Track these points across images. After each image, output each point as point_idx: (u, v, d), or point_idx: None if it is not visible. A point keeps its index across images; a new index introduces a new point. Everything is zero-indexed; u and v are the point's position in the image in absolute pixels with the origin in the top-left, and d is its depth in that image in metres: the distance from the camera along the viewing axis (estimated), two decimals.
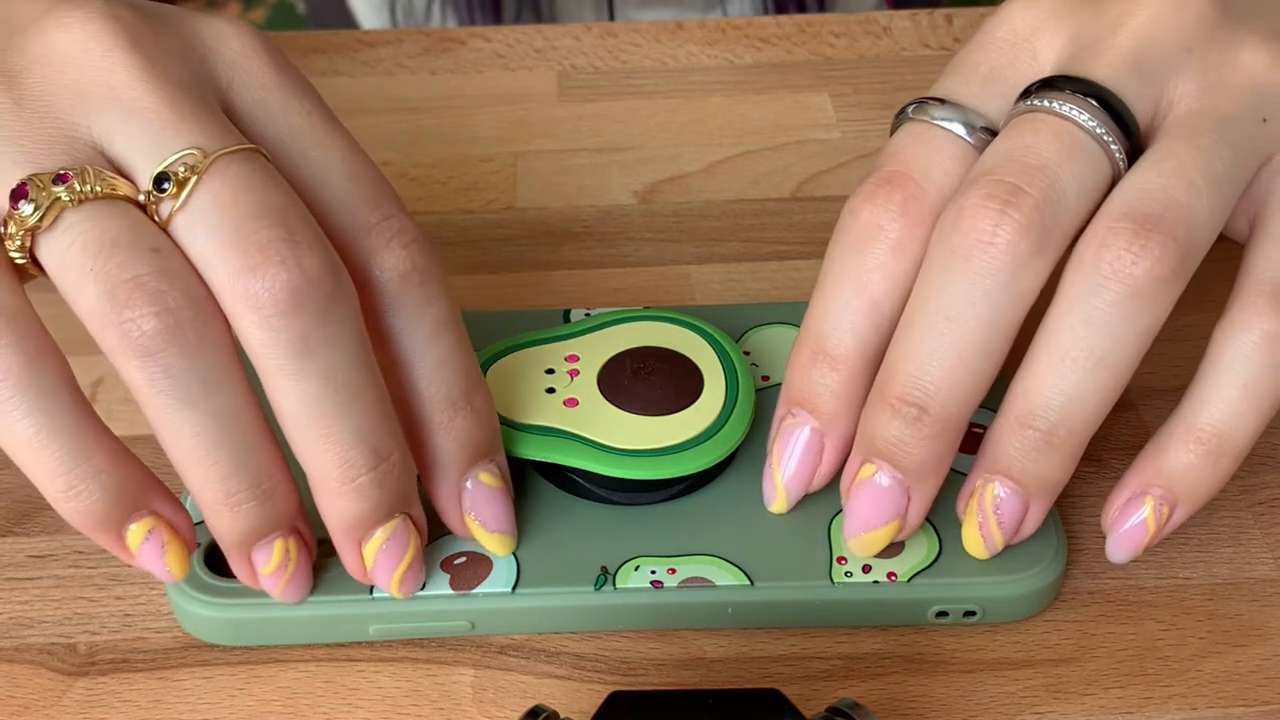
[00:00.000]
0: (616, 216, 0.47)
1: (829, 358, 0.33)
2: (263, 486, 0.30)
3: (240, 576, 0.32)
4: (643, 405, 0.35)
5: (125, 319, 0.28)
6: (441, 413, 0.32)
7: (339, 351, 0.29)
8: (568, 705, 0.32)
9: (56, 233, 0.29)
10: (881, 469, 0.32)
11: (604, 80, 0.53)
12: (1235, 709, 0.32)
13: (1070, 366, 0.30)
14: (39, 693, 0.33)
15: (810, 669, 0.33)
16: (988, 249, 0.30)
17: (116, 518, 0.30)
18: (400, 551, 0.32)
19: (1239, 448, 0.31)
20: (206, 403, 0.29)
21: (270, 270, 0.28)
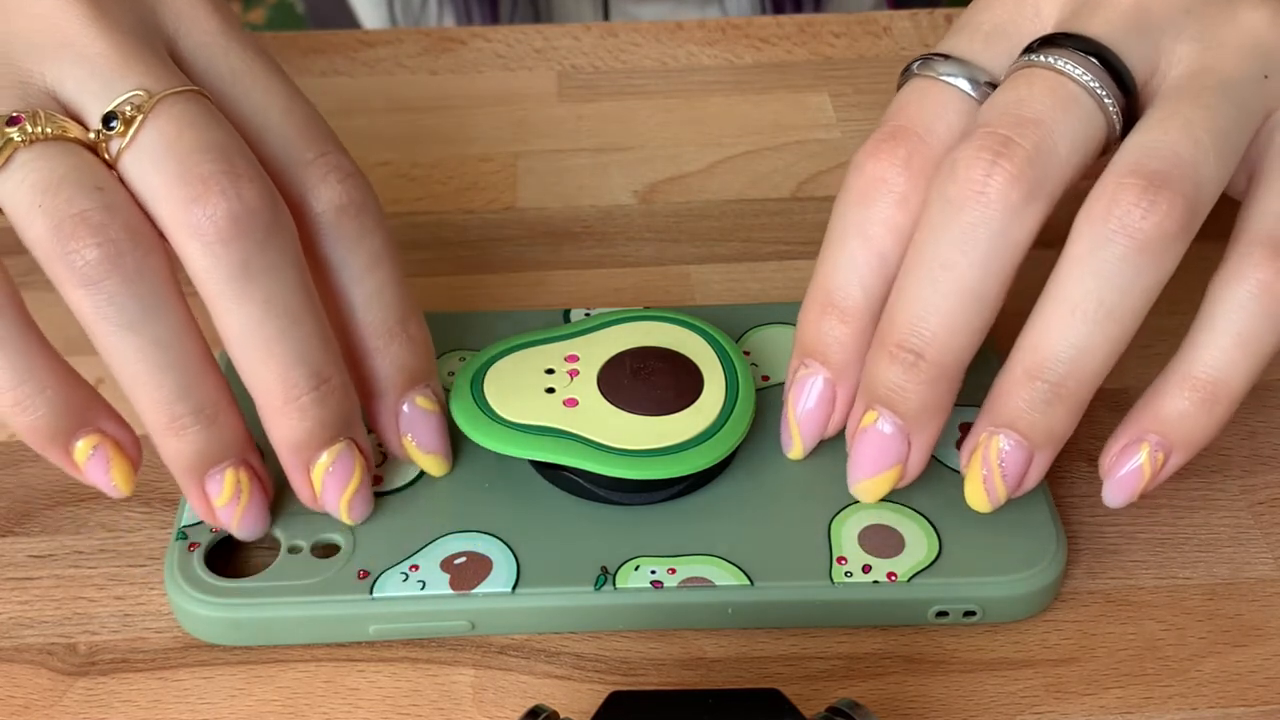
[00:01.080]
0: (616, 216, 0.47)
1: (838, 310, 0.34)
2: (206, 412, 0.32)
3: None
4: (643, 405, 0.35)
5: (70, 250, 0.30)
6: (378, 339, 0.34)
7: (278, 278, 0.31)
8: (568, 705, 0.32)
9: (9, 171, 0.31)
10: (883, 415, 0.33)
11: (604, 80, 0.53)
12: (1235, 709, 0.32)
13: (1080, 319, 0.31)
14: (39, 693, 0.33)
15: (810, 669, 0.33)
16: (980, 198, 0.31)
17: (63, 432, 0.32)
18: (346, 475, 0.34)
19: (1234, 395, 0.32)
20: (149, 329, 0.31)
21: (212, 200, 0.30)
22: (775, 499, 0.35)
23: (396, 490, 0.36)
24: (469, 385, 0.36)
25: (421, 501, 0.35)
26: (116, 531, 0.36)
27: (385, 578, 0.33)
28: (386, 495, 0.35)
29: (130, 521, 0.37)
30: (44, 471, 0.38)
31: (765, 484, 0.36)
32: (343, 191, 0.33)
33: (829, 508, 0.35)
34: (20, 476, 0.38)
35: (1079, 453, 0.38)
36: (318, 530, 0.35)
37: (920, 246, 0.32)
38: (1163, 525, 0.36)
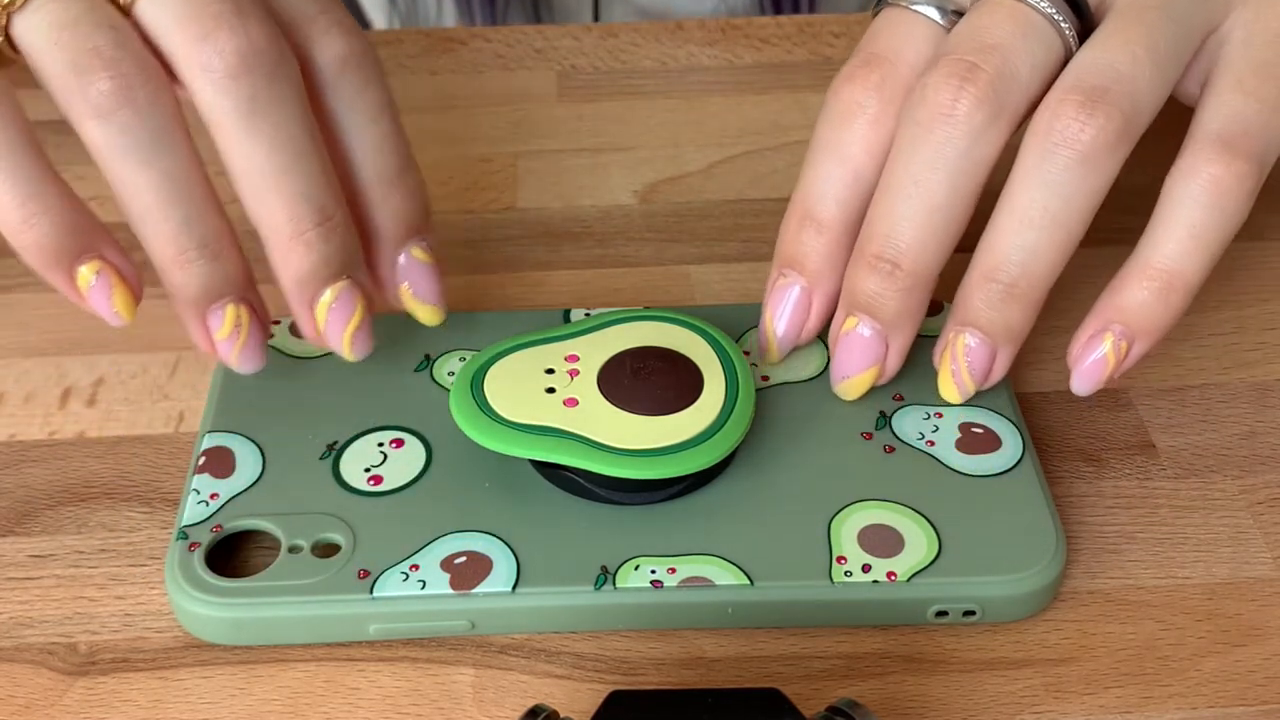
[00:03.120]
0: (616, 216, 0.47)
1: (815, 222, 0.37)
2: (210, 246, 0.34)
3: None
4: (643, 405, 0.35)
5: (85, 82, 0.32)
6: (377, 189, 0.36)
7: (285, 114, 0.33)
8: (568, 705, 0.33)
9: (28, 11, 0.33)
10: (862, 320, 0.36)
11: (604, 80, 0.53)
12: (1235, 709, 0.32)
13: (1028, 225, 0.34)
14: (39, 693, 0.33)
15: (810, 669, 0.33)
16: (948, 120, 0.34)
17: (68, 252, 0.34)
18: (348, 311, 0.35)
19: (1189, 284, 0.34)
20: (158, 161, 0.33)
21: (221, 36, 0.32)
22: (775, 499, 0.35)
23: (396, 490, 0.36)
24: (469, 385, 0.36)
25: (421, 501, 0.35)
26: (117, 531, 0.36)
27: (385, 577, 0.33)
28: (386, 495, 0.35)
29: (131, 521, 0.37)
30: (45, 471, 0.38)
31: (765, 484, 0.36)
32: (345, 45, 0.35)
33: (829, 508, 0.35)
34: (21, 476, 0.38)
35: (1078, 453, 0.38)
36: (318, 530, 0.35)
37: (894, 166, 0.35)
38: (1162, 525, 0.36)
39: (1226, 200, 0.33)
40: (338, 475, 0.36)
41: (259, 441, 0.37)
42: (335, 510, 0.35)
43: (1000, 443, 0.37)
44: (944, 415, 0.38)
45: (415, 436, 0.37)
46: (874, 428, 0.37)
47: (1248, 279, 0.44)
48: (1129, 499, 0.37)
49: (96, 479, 0.38)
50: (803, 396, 0.38)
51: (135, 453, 0.39)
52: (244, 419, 0.38)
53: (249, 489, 0.36)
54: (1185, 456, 0.38)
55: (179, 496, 0.37)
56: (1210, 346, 0.42)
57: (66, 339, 0.42)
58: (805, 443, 0.37)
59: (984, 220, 0.35)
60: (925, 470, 0.36)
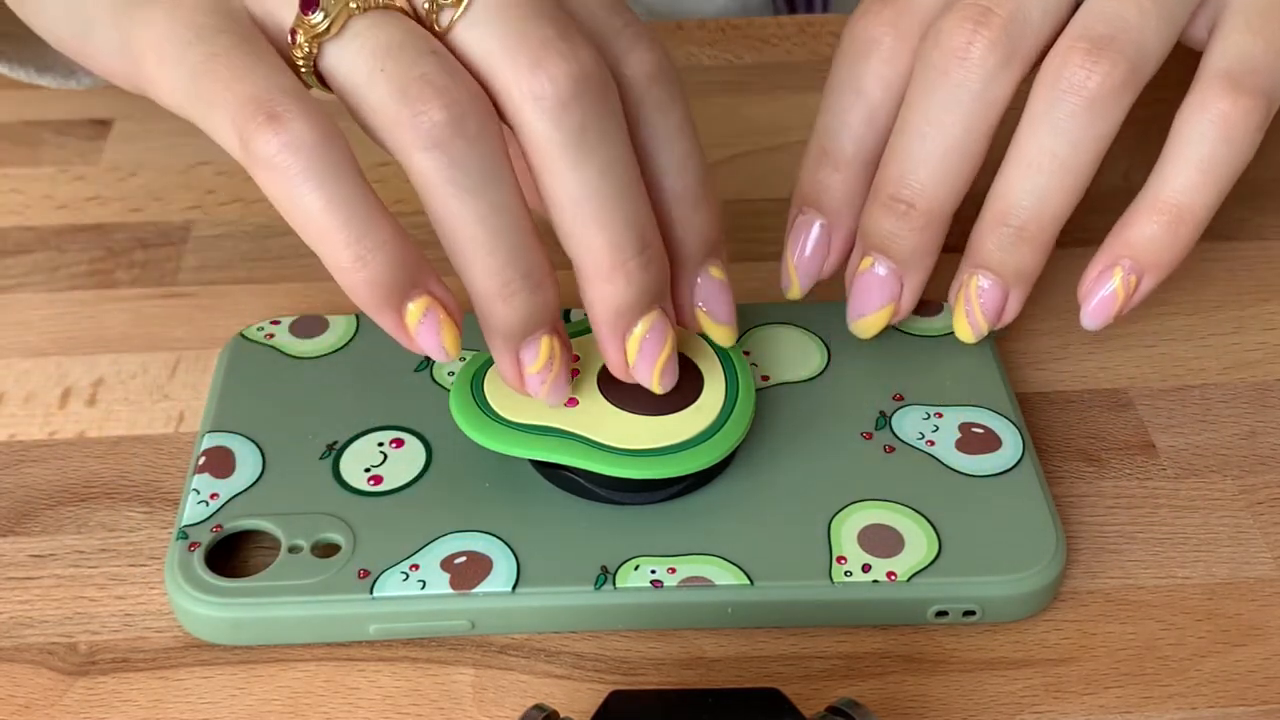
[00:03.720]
0: None
1: (831, 160, 0.38)
2: (534, 277, 0.32)
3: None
4: (643, 405, 0.35)
5: (417, 112, 0.30)
6: (683, 206, 0.35)
7: (613, 142, 0.32)
8: (568, 705, 0.33)
9: (344, 39, 0.31)
10: (878, 260, 0.37)
11: None
12: (1235, 709, 0.32)
13: (1037, 170, 0.35)
14: (39, 692, 0.33)
15: (810, 669, 0.33)
16: (963, 63, 0.35)
17: (399, 290, 0.32)
18: (660, 343, 0.34)
19: (1198, 217, 0.35)
20: (487, 193, 0.31)
21: (553, 63, 0.31)
22: (775, 499, 0.35)
23: (396, 490, 0.36)
24: (469, 385, 0.36)
25: (421, 501, 0.35)
26: (117, 531, 0.36)
27: (385, 577, 0.33)
28: (386, 495, 0.35)
29: (131, 521, 0.37)
30: (44, 471, 0.38)
31: (765, 484, 0.36)
32: (653, 59, 0.34)
33: (829, 508, 0.35)
34: (21, 476, 0.38)
35: (1078, 453, 0.38)
36: (318, 530, 0.35)
37: (909, 107, 0.36)
38: (1162, 525, 0.36)
39: (1235, 134, 0.34)
40: (338, 475, 0.36)
41: (259, 441, 0.37)
42: (335, 510, 0.35)
43: (1000, 443, 0.37)
44: (944, 415, 0.38)
45: (415, 436, 0.37)
46: (874, 428, 0.37)
47: (1248, 279, 0.44)
48: (1129, 499, 0.37)
49: (96, 479, 0.38)
50: (803, 396, 0.38)
51: (135, 453, 0.39)
52: (244, 419, 0.38)
53: (249, 489, 0.36)
54: (1185, 456, 0.38)
55: (179, 496, 0.37)
56: (1210, 346, 0.42)
57: (66, 339, 0.42)
58: (805, 443, 0.37)
59: (995, 170, 0.36)
60: (925, 470, 0.36)
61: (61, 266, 0.45)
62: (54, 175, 0.49)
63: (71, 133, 0.50)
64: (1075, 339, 0.42)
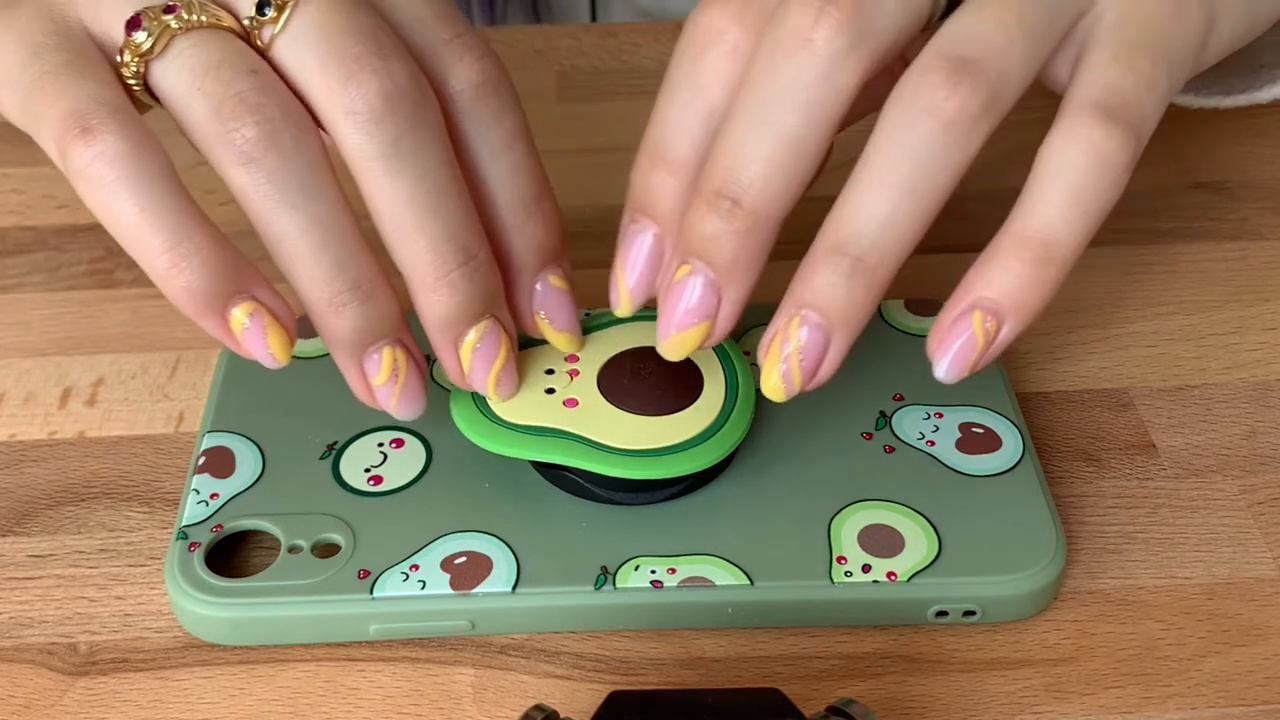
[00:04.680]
0: (616, 216, 0.47)
1: (666, 163, 0.34)
2: (363, 287, 0.33)
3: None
4: (643, 405, 0.35)
5: (230, 129, 0.31)
6: (515, 216, 0.35)
7: (428, 155, 0.32)
8: (568, 705, 0.33)
9: (167, 58, 0.32)
10: (695, 269, 0.33)
11: (604, 80, 0.53)
12: (1235, 709, 0.32)
13: (884, 193, 0.31)
14: (39, 693, 0.33)
15: (810, 669, 0.33)
16: (807, 44, 0.31)
17: (219, 296, 0.32)
18: (493, 351, 0.35)
19: (1067, 255, 0.32)
20: (307, 206, 0.32)
21: (364, 79, 0.32)
22: (775, 499, 0.35)
23: (396, 490, 0.36)
24: None
25: (421, 501, 0.35)
26: (117, 531, 0.36)
27: (385, 577, 0.33)
28: (386, 495, 0.35)
29: (131, 521, 0.37)
30: (44, 471, 0.38)
31: (765, 484, 0.36)
32: (480, 70, 0.34)
33: (829, 508, 0.35)
34: (21, 476, 0.38)
35: (1078, 453, 0.38)
36: (318, 530, 0.35)
37: (745, 92, 0.32)
38: (1162, 525, 0.36)
39: (1107, 165, 0.31)
40: (338, 475, 0.36)
41: (259, 441, 0.37)
42: (335, 510, 0.35)
43: (1000, 443, 0.37)
44: (944, 415, 0.38)
45: (415, 437, 0.37)
46: (874, 428, 0.37)
47: (1248, 279, 0.44)
48: (1129, 499, 0.37)
49: (96, 479, 0.38)
50: (803, 396, 0.38)
51: (135, 453, 0.39)
52: (244, 419, 0.38)
53: (249, 489, 0.36)
54: (1185, 456, 0.38)
55: (179, 496, 0.37)
56: (1210, 346, 0.42)
57: (66, 339, 0.42)
58: (805, 443, 0.37)
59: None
60: (925, 470, 0.36)
61: (61, 266, 0.45)
62: (54, 175, 0.49)
63: None
64: (1075, 339, 0.42)
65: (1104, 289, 0.44)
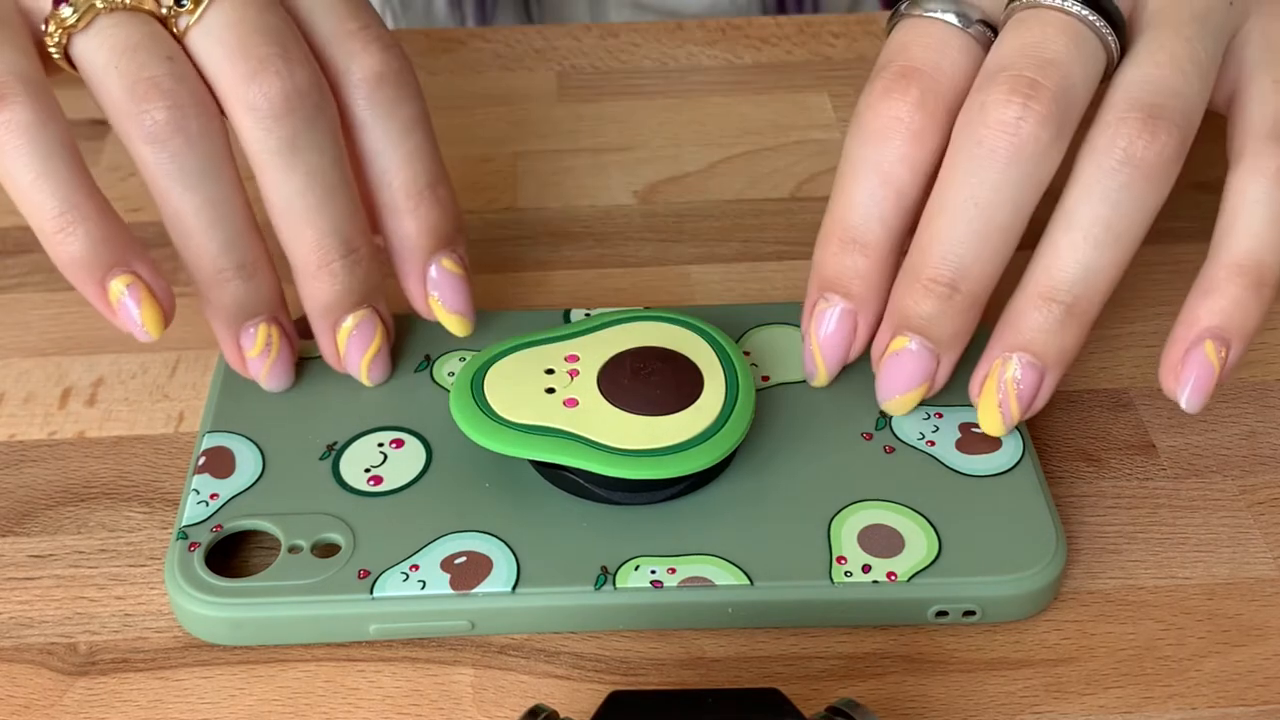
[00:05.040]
0: (616, 216, 0.47)
1: (859, 245, 0.36)
2: (247, 267, 0.36)
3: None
4: (643, 405, 0.35)
5: (142, 109, 0.33)
6: (409, 200, 0.37)
7: (320, 154, 0.35)
8: (568, 705, 0.33)
9: (89, 34, 0.34)
10: (914, 339, 0.35)
11: (604, 80, 0.53)
12: (1235, 709, 0.32)
13: (1090, 242, 0.33)
14: (39, 692, 0.33)
15: (810, 669, 0.33)
16: (1013, 140, 0.33)
17: (101, 264, 0.34)
18: (368, 338, 0.37)
19: (1276, 275, 0.34)
20: (204, 188, 0.34)
21: (267, 79, 0.34)
22: (775, 499, 0.35)
23: (396, 490, 0.36)
24: (469, 385, 0.36)
25: (421, 501, 0.35)
26: (117, 531, 0.36)
27: (385, 577, 0.33)
28: (386, 495, 0.35)
29: (131, 521, 0.37)
30: (44, 471, 0.38)
31: (765, 484, 0.36)
32: (383, 60, 0.36)
33: (829, 508, 0.35)
34: (21, 476, 0.38)
35: (1078, 453, 0.38)
36: (318, 530, 0.35)
37: (951, 185, 0.34)
38: (1162, 525, 0.36)
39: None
40: (338, 475, 0.36)
41: (259, 441, 0.37)
42: (335, 510, 0.35)
43: (1000, 443, 0.37)
44: (944, 415, 0.38)
45: (415, 436, 0.37)
46: (874, 428, 0.37)
47: None
48: (1129, 499, 0.37)
49: (96, 479, 0.38)
50: (803, 396, 0.38)
51: (135, 453, 0.39)
52: (244, 419, 0.38)
53: (249, 489, 0.36)
54: (1185, 456, 0.38)
55: (179, 496, 0.37)
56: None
57: (66, 339, 0.42)
58: (805, 443, 0.37)
59: None
60: (925, 470, 0.36)
61: None
62: None
63: None
64: None
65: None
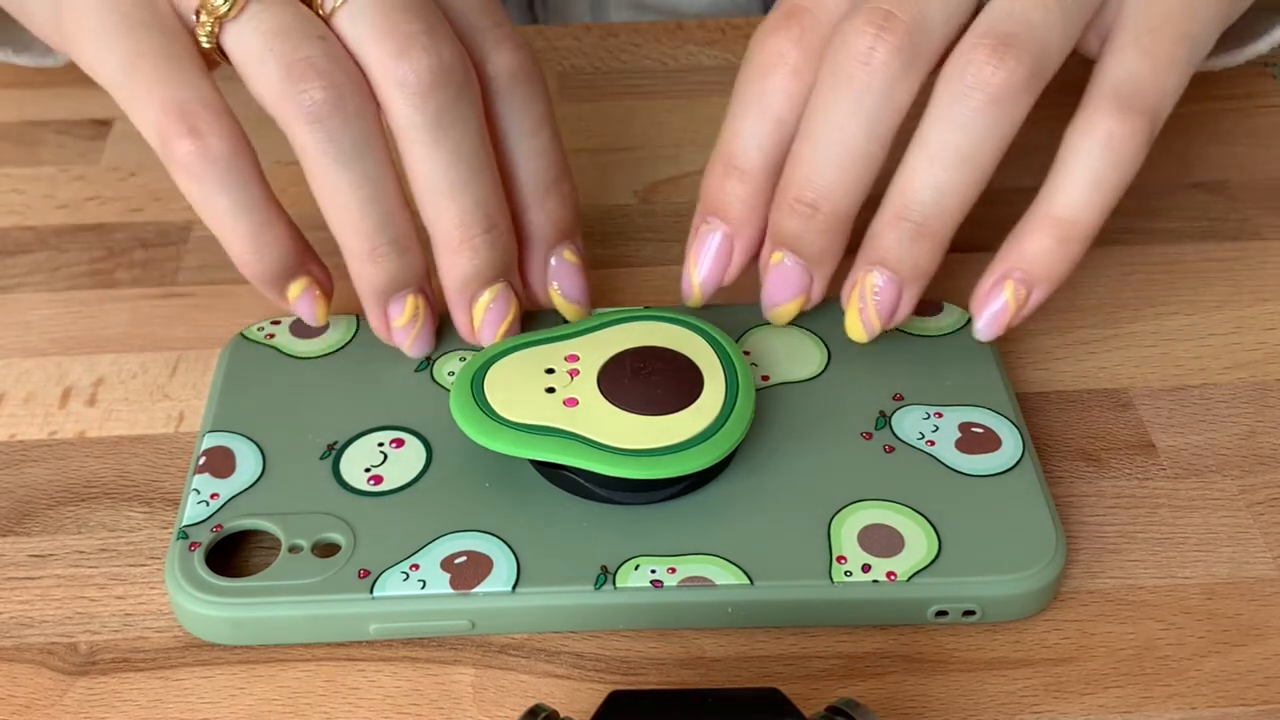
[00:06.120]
0: (616, 216, 0.47)
1: (739, 171, 0.38)
2: (400, 243, 0.37)
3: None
4: (643, 405, 0.35)
5: (300, 90, 0.34)
6: (535, 194, 0.38)
7: (467, 130, 0.36)
8: (568, 705, 0.33)
9: (241, 20, 0.35)
10: (787, 255, 0.38)
11: (604, 80, 0.53)
12: (1235, 709, 0.32)
13: (940, 165, 0.35)
14: (39, 692, 0.33)
15: (810, 669, 0.33)
16: (866, 68, 0.35)
17: (285, 277, 0.38)
18: (503, 312, 0.38)
19: (1086, 232, 0.36)
20: (361, 165, 0.35)
21: (415, 55, 0.35)
22: (775, 499, 0.35)
23: (396, 490, 0.36)
24: (469, 385, 0.36)
25: (421, 501, 0.35)
26: (117, 531, 0.36)
27: (385, 577, 0.33)
28: (386, 495, 0.35)
29: (131, 521, 0.37)
30: (44, 471, 0.38)
31: (765, 484, 0.36)
32: (517, 59, 0.37)
33: (829, 508, 0.35)
34: (21, 476, 0.38)
35: (1078, 453, 0.38)
36: (318, 530, 0.35)
37: (813, 112, 0.36)
38: (1162, 525, 0.36)
39: (1121, 153, 0.35)
40: (338, 475, 0.36)
41: (259, 441, 0.37)
42: (335, 510, 0.35)
43: (1000, 443, 0.37)
44: (944, 415, 0.38)
45: (415, 436, 0.37)
46: (874, 428, 0.37)
47: (1248, 279, 0.44)
48: (1129, 499, 0.37)
49: (96, 479, 0.38)
50: (803, 396, 0.38)
51: (135, 453, 0.39)
52: (244, 419, 0.38)
53: (249, 489, 0.36)
54: (1185, 456, 0.38)
55: (179, 496, 0.37)
56: (1210, 346, 0.42)
57: (66, 339, 0.42)
58: (805, 443, 0.37)
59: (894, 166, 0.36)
60: (925, 470, 0.36)
61: (61, 266, 0.45)
62: (54, 175, 0.49)
63: (71, 133, 0.50)
64: (1075, 339, 0.42)
65: (1104, 289, 0.44)
